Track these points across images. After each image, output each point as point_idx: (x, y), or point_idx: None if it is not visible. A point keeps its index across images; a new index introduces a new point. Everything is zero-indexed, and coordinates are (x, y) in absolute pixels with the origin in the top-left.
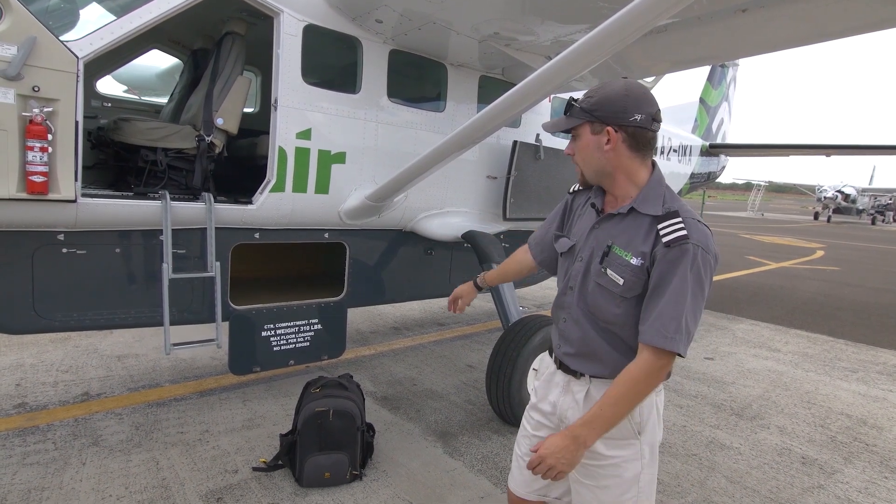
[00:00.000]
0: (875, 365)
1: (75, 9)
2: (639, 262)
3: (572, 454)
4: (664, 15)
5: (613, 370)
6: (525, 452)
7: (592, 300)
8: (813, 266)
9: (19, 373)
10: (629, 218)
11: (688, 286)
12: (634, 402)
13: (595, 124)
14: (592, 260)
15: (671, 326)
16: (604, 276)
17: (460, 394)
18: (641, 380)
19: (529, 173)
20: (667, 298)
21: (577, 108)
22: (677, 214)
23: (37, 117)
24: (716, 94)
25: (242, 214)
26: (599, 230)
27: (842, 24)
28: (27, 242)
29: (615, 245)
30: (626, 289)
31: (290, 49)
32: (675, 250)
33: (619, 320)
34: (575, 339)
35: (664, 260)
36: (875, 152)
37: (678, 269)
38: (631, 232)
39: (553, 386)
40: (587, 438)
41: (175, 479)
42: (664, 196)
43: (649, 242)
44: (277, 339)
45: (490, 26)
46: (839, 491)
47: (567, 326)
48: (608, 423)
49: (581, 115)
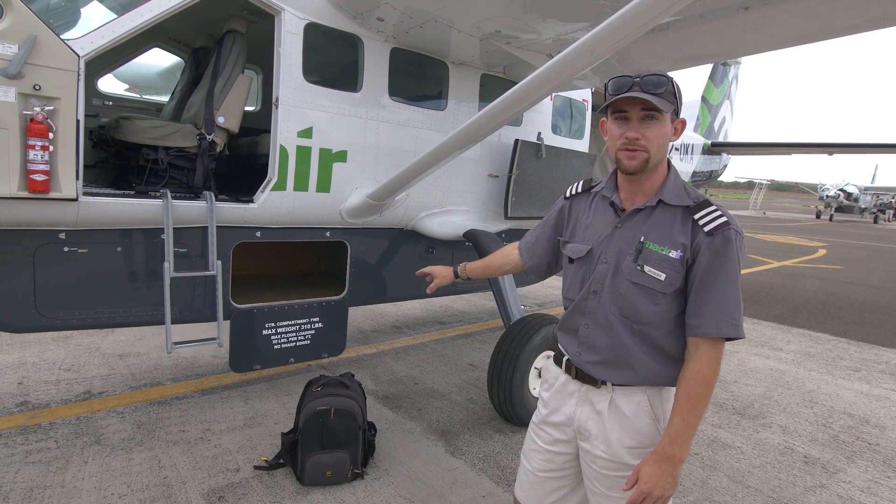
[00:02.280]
0: (878, 364)
1: (76, 7)
2: (678, 254)
3: (673, 476)
4: (666, 13)
5: (642, 376)
6: (538, 468)
7: (627, 301)
8: (815, 265)
9: (21, 371)
10: (657, 211)
11: (738, 271)
12: (709, 398)
13: (672, 113)
14: (622, 260)
15: (735, 314)
16: (641, 273)
17: (462, 393)
18: (712, 374)
19: (531, 172)
20: (723, 287)
21: (669, 92)
22: (710, 203)
23: (38, 116)
24: (718, 93)
25: (244, 213)
26: (624, 228)
27: (845, 21)
28: (28, 241)
29: (648, 241)
30: (668, 283)
31: (291, 47)
32: (720, 238)
33: (656, 319)
34: (602, 346)
35: (710, 249)
36: (878, 151)
37: (727, 255)
38: (664, 225)
39: (566, 396)
40: (681, 454)
41: (177, 477)
42: (685, 187)
43: (687, 233)
44: (278, 338)
45: (491, 24)
46: (841, 490)
47: (591, 333)
48: (693, 429)
49: (673, 101)
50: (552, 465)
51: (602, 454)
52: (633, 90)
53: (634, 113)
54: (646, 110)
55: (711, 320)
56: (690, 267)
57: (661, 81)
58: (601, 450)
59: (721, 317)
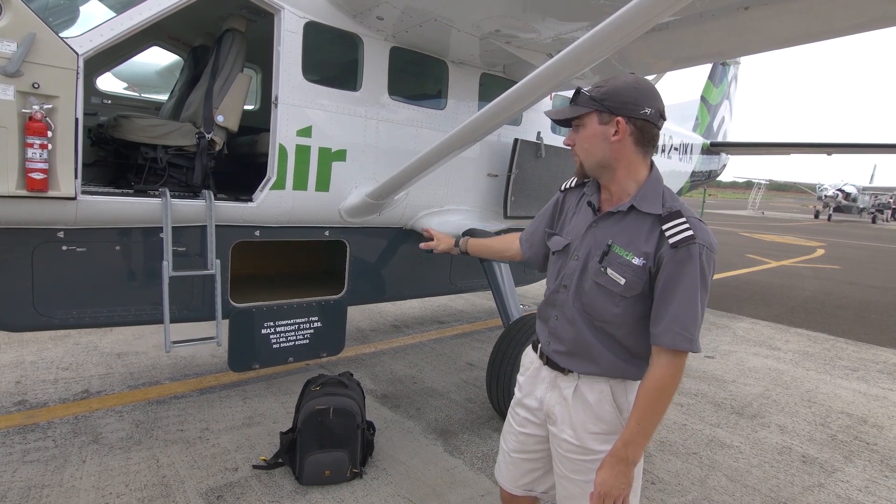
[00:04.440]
0: (876, 364)
1: (75, 5)
2: (641, 262)
3: (627, 477)
4: (666, 12)
5: (605, 369)
6: (512, 448)
7: (589, 299)
8: (813, 264)
9: (19, 370)
10: (629, 217)
11: (698, 286)
12: (666, 406)
13: (604, 114)
14: (590, 259)
15: (691, 328)
16: (603, 275)
17: (460, 392)
18: (668, 383)
19: (530, 171)
20: (681, 300)
21: (585, 97)
22: (680, 214)
23: (37, 114)
24: (717, 93)
25: (243, 212)
26: (597, 229)
27: (844, 21)
28: (27, 240)
29: (615, 244)
30: (627, 288)
31: (290, 46)
32: (683, 251)
33: (617, 320)
34: (567, 338)
35: (672, 261)
36: (876, 151)
37: (688, 269)
38: (632, 231)
39: (539, 381)
40: (635, 456)
41: (175, 476)
42: (663, 195)
43: (652, 243)
44: (277, 337)
45: (491, 23)
46: (839, 490)
47: (559, 325)
48: (648, 434)
49: (590, 104)
50: (525, 447)
51: (567, 438)
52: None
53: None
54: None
55: (668, 332)
56: (655, 275)
57: (580, 90)
58: (567, 434)
59: (676, 329)
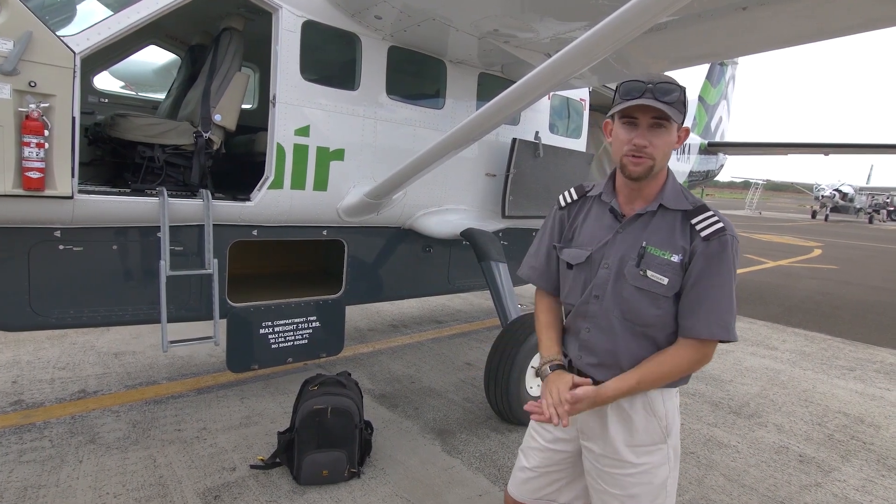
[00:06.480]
0: (872, 363)
1: (72, 4)
2: (679, 258)
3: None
4: (664, 13)
5: None
6: (536, 465)
7: (630, 305)
8: (810, 265)
9: (16, 370)
10: (657, 216)
11: (733, 276)
12: (665, 383)
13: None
14: (624, 265)
15: (727, 317)
16: (644, 278)
17: (458, 391)
18: (686, 368)
19: (528, 171)
20: (717, 290)
21: (680, 101)
22: (707, 208)
23: (33, 113)
24: (714, 93)
25: (240, 211)
26: (625, 233)
27: (841, 22)
28: (23, 239)
29: (650, 245)
30: (670, 287)
31: (288, 45)
32: (716, 242)
33: (658, 322)
34: (601, 349)
35: (706, 253)
36: (873, 151)
37: (722, 260)
38: (664, 230)
39: None
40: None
41: (172, 476)
42: (682, 191)
43: (686, 237)
44: (275, 337)
45: (489, 23)
46: (836, 489)
47: (592, 336)
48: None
49: (682, 111)
50: (551, 462)
51: (605, 452)
52: (645, 97)
53: (644, 120)
54: (655, 118)
55: (704, 322)
56: (686, 269)
57: (672, 90)
58: (604, 448)
59: (714, 320)
